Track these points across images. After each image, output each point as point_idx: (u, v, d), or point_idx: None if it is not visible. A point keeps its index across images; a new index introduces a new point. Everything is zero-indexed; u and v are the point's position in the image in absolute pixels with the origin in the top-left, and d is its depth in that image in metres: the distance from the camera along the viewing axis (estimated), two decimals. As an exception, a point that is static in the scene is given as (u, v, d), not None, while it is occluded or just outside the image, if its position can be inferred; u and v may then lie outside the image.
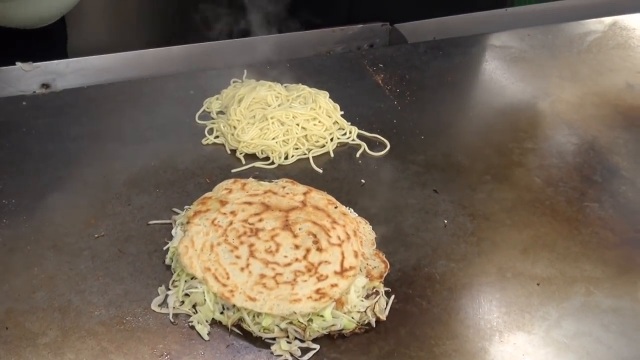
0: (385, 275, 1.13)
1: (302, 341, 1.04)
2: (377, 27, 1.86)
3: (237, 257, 1.11)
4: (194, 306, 1.08)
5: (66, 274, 1.14)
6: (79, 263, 1.16)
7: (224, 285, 1.07)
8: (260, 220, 1.18)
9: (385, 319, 1.08)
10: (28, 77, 1.61)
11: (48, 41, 2.00)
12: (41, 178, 1.33)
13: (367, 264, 1.14)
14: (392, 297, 1.11)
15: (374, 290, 1.11)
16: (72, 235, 1.21)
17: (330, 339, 1.05)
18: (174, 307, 1.08)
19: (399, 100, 1.59)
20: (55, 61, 1.66)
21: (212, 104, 1.53)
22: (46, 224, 1.23)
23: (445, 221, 1.28)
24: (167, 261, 1.16)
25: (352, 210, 1.25)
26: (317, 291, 1.06)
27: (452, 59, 1.76)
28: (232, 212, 1.19)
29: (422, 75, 1.69)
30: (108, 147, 1.41)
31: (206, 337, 1.05)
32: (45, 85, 1.61)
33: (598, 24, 1.92)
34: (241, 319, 1.06)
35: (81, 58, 1.68)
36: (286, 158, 1.40)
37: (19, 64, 1.64)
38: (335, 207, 1.23)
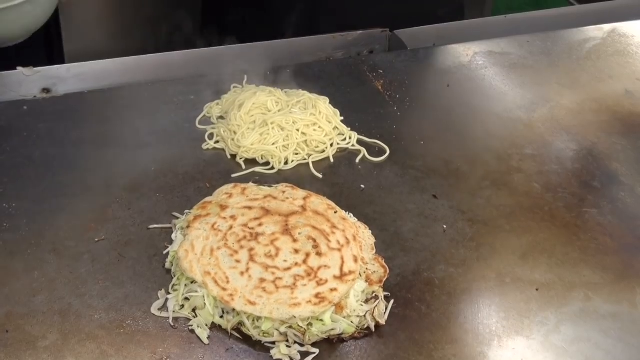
0: (384, 280, 1.13)
1: (301, 345, 1.04)
2: (376, 33, 1.86)
3: (237, 261, 1.12)
4: (193, 310, 1.09)
5: (66, 278, 1.14)
6: (79, 267, 1.16)
7: (224, 289, 1.08)
8: (260, 224, 1.18)
9: (384, 323, 1.08)
10: (29, 81, 1.61)
11: (43, 47, 2.01)
12: (42, 182, 1.33)
13: (367, 269, 1.15)
14: (392, 301, 1.12)
15: (374, 295, 1.11)
16: (72, 239, 1.21)
17: (330, 343, 1.06)
18: (173, 311, 1.08)
19: (398, 106, 1.59)
20: (56, 66, 1.66)
21: (213, 109, 1.54)
22: (47, 228, 1.23)
23: (445, 226, 1.28)
24: (167, 265, 1.16)
25: (351, 215, 1.25)
26: (317, 295, 1.07)
27: (452, 65, 1.76)
28: (232, 217, 1.20)
29: (422, 81, 1.70)
30: (109, 152, 1.41)
31: (206, 341, 1.05)
32: (46, 90, 1.61)
33: (597, 31, 1.93)
34: (241, 323, 1.06)
35: (82, 63, 1.68)
36: (286, 163, 1.40)
37: (20, 69, 1.64)
38: (335, 212, 1.23)
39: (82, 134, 1.46)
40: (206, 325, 1.07)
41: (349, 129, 1.49)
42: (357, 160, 1.43)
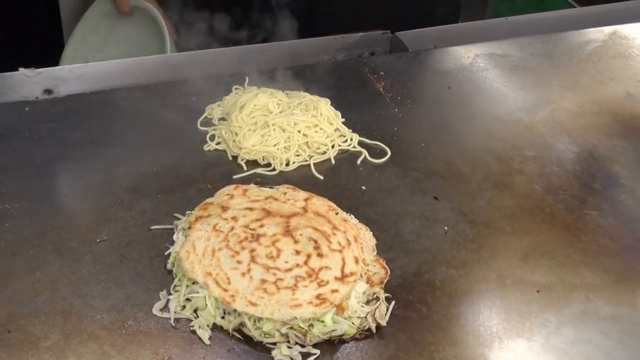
0: (385, 281, 1.13)
1: (302, 346, 1.04)
2: (378, 35, 1.87)
3: (239, 262, 1.12)
4: (195, 311, 1.09)
5: (68, 278, 1.14)
6: (81, 267, 1.16)
7: (225, 290, 1.08)
8: (262, 225, 1.19)
9: (385, 324, 1.08)
10: (31, 82, 1.61)
11: (45, 48, 2.02)
12: (43, 183, 1.34)
13: (368, 270, 1.15)
14: (393, 303, 1.12)
15: (375, 296, 1.11)
16: (74, 240, 1.21)
17: (331, 344, 1.06)
18: (175, 312, 1.09)
19: (399, 108, 1.59)
20: (58, 67, 1.67)
21: (214, 111, 1.54)
22: (48, 229, 1.23)
23: (446, 228, 1.28)
24: (169, 266, 1.16)
25: (352, 216, 1.25)
26: (318, 296, 1.07)
27: (453, 67, 1.76)
28: (234, 218, 1.20)
29: (423, 83, 1.71)
30: (110, 153, 1.42)
31: (207, 342, 1.05)
32: (47, 91, 1.62)
33: (598, 33, 1.93)
34: (242, 324, 1.06)
35: (84, 64, 1.69)
36: (287, 164, 1.41)
37: (22, 70, 1.65)
38: (336, 214, 1.23)
39: (83, 135, 1.47)
40: (207, 326, 1.07)
41: (350, 130, 1.50)
42: (358, 162, 1.44)
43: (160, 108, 1.55)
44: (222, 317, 1.07)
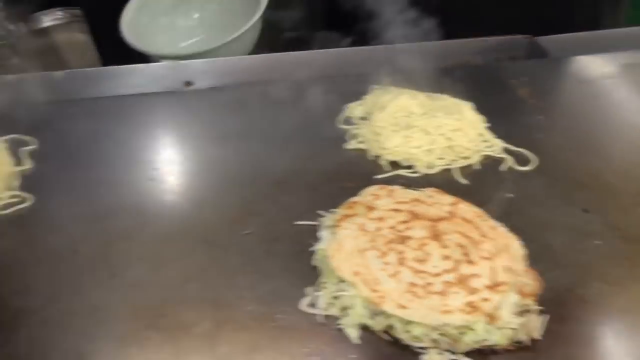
0: (538, 293, 1.09)
1: (453, 353, 1.02)
2: (517, 39, 1.81)
3: (386, 263, 1.10)
4: (343, 309, 1.08)
5: (216, 268, 1.16)
6: (229, 258, 1.18)
7: (374, 290, 1.06)
8: (408, 228, 1.17)
9: (539, 337, 1.04)
10: (173, 74, 1.66)
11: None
12: (190, 173, 1.37)
13: (519, 281, 1.11)
14: (547, 316, 1.07)
15: (527, 308, 1.07)
16: (221, 231, 1.23)
17: (482, 354, 1.03)
18: (323, 309, 1.08)
19: (544, 115, 1.54)
20: (199, 60, 1.71)
21: (355, 110, 1.53)
22: (196, 219, 1.26)
23: (597, 242, 1.22)
24: (315, 262, 1.16)
25: (501, 224, 1.21)
26: (469, 304, 1.04)
27: (598, 75, 1.69)
28: (380, 218, 1.19)
29: (567, 91, 1.65)
30: (254, 146, 1.43)
31: (356, 341, 1.04)
32: (188, 83, 1.66)
33: None
34: (390, 326, 1.05)
35: (224, 58, 1.72)
36: (430, 167, 1.38)
37: (164, 62, 1.70)
38: (484, 221, 1.20)
39: (226, 128, 1.49)
40: (356, 325, 1.06)
41: (494, 135, 1.46)
42: (503, 169, 1.39)
43: (300, 104, 1.55)
44: (371, 318, 1.06)
